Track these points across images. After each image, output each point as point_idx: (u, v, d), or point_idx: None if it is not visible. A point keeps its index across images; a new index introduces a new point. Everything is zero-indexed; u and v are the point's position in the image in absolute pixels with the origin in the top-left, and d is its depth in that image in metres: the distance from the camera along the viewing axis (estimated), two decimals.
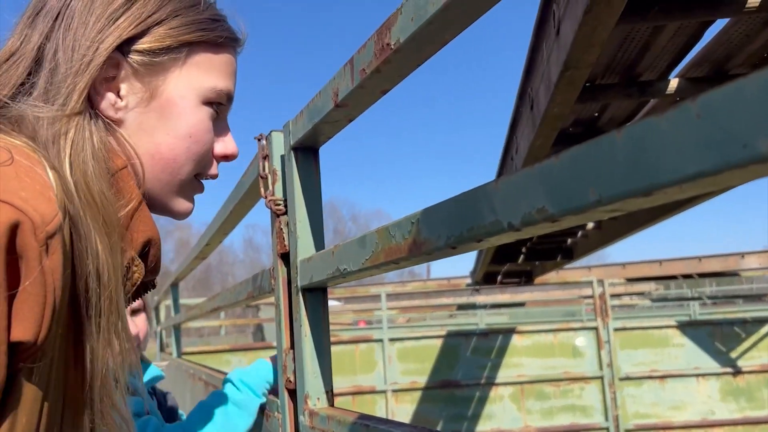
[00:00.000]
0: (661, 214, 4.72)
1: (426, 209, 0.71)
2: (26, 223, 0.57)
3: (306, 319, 1.12)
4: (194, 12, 0.82)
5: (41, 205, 0.59)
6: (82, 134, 0.72)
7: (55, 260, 0.60)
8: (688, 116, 0.40)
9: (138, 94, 0.79)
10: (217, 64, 0.84)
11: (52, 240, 0.59)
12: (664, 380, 7.35)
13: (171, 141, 0.80)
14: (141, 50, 0.78)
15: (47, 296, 0.59)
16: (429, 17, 0.69)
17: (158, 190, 0.83)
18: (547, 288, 11.46)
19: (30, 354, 0.60)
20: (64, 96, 0.72)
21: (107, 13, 0.76)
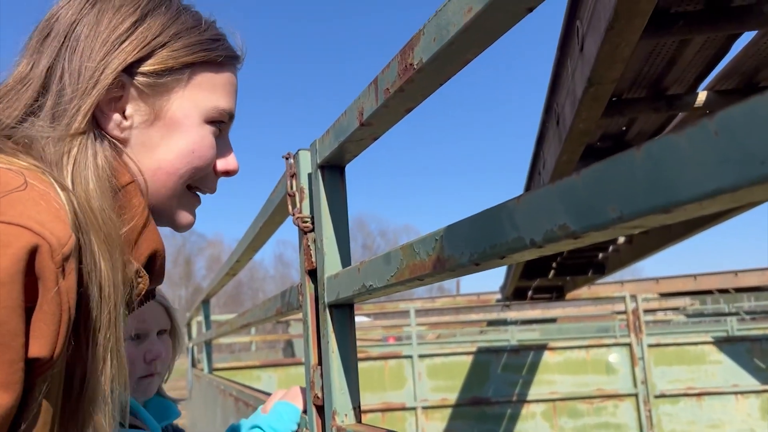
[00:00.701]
0: (694, 228, 4.64)
1: (449, 226, 0.72)
2: (44, 246, 0.60)
3: (333, 335, 1.13)
4: (196, 33, 0.85)
5: (57, 229, 0.62)
6: (84, 153, 0.75)
7: (69, 281, 0.63)
8: (706, 133, 0.40)
9: (143, 114, 0.82)
10: (219, 83, 0.88)
11: (68, 262, 0.62)
12: (701, 398, 7.17)
13: (173, 157, 0.83)
14: (145, 72, 0.81)
15: (62, 315, 0.62)
16: (450, 38, 0.70)
17: (161, 204, 0.86)
18: (579, 303, 11.29)
19: (45, 369, 0.62)
20: (69, 117, 0.76)
21: (113, 38, 0.79)
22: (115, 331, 0.72)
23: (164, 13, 0.83)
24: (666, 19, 2.19)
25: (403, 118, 0.95)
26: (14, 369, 0.58)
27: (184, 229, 0.92)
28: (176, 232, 0.96)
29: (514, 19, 0.66)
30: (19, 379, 0.59)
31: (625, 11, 1.73)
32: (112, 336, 0.72)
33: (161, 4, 0.84)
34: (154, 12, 0.83)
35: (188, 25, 0.85)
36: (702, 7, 2.19)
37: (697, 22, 2.19)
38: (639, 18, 1.75)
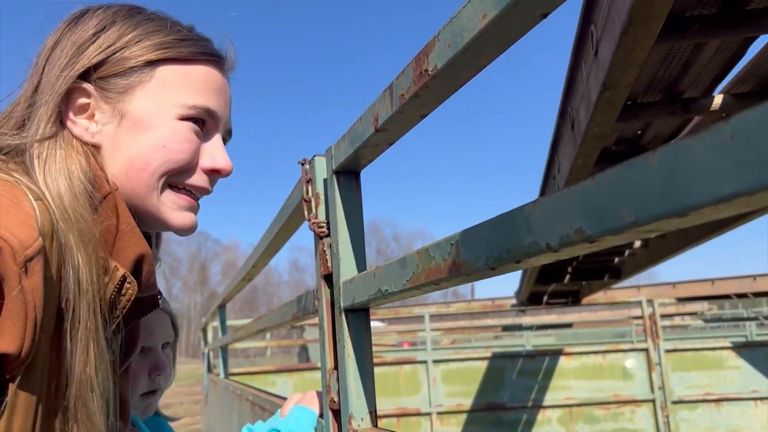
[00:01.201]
0: (711, 231, 4.60)
1: (465, 230, 0.73)
2: (5, 249, 0.65)
3: (349, 339, 1.13)
4: (159, 35, 0.88)
5: (20, 232, 0.66)
6: (54, 156, 0.80)
7: (34, 281, 0.67)
8: (721, 137, 0.40)
9: (109, 117, 0.86)
10: (189, 80, 0.89)
11: (31, 263, 0.66)
12: (720, 404, 7.08)
13: (143, 153, 0.85)
14: (105, 75, 0.85)
15: (28, 313, 0.66)
16: (465, 44, 0.70)
17: (140, 204, 0.88)
18: (595, 308, 11.21)
19: (16, 365, 0.67)
20: (36, 124, 0.82)
21: (74, 48, 0.85)
22: (95, 321, 0.76)
23: (124, 23, 0.88)
24: (681, 23, 2.18)
25: (418, 124, 0.96)
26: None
27: (184, 232, 0.92)
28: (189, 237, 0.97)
29: (529, 25, 0.66)
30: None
31: (640, 16, 1.72)
32: (92, 326, 0.75)
33: (123, 17, 0.89)
34: (115, 23, 0.87)
35: (150, 30, 0.88)
36: (717, 10, 2.18)
37: (712, 26, 2.17)
38: (654, 22, 1.75)
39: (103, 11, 0.89)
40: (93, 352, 0.75)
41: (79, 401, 0.74)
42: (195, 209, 0.94)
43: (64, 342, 0.73)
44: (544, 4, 0.63)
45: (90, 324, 0.75)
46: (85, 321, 0.74)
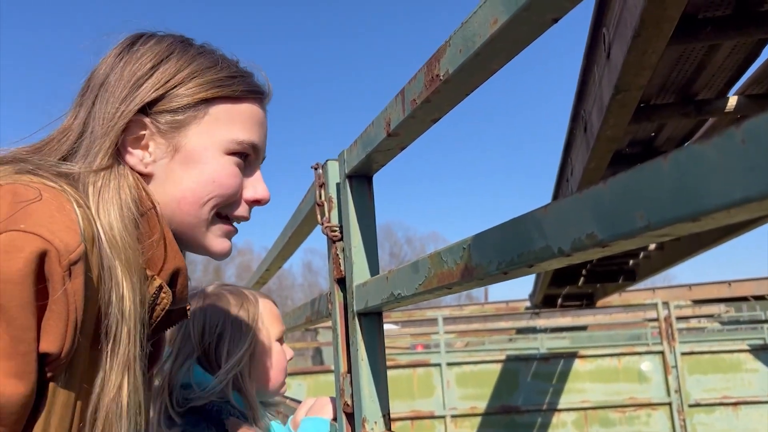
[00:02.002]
0: (727, 234, 4.56)
1: (477, 235, 0.73)
2: (52, 251, 0.68)
3: (362, 342, 1.14)
4: (212, 72, 0.92)
5: (66, 237, 0.70)
6: (107, 186, 0.83)
7: (77, 284, 0.70)
8: (733, 142, 0.40)
9: (163, 150, 0.90)
10: (237, 117, 0.93)
11: (75, 266, 0.70)
12: (738, 407, 7.01)
13: (194, 186, 0.90)
14: (162, 110, 0.89)
15: (69, 314, 0.69)
16: (476, 49, 0.70)
17: (188, 231, 0.92)
18: (610, 311, 11.13)
19: (57, 365, 0.70)
20: (93, 155, 0.85)
21: (131, 82, 0.88)
22: (134, 348, 0.79)
23: (180, 58, 0.91)
24: (694, 25, 2.16)
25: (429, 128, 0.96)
26: (27, 360, 0.66)
27: (220, 257, 0.97)
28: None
29: (540, 29, 0.67)
30: (32, 370, 0.66)
31: (652, 18, 1.71)
32: (131, 354, 0.78)
33: (177, 50, 0.92)
34: (170, 57, 0.90)
35: (204, 66, 0.92)
36: (731, 12, 2.16)
37: (725, 28, 2.15)
38: (666, 24, 1.74)
39: (157, 43, 0.92)
40: (128, 380, 0.78)
41: (107, 428, 0.77)
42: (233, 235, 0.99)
43: (103, 363, 0.76)
44: (555, 9, 0.63)
45: (129, 351, 0.78)
46: (125, 347, 0.77)
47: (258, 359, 1.43)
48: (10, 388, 0.64)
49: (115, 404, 0.77)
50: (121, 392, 0.77)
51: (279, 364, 1.48)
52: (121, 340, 0.77)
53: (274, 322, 1.49)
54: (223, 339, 1.39)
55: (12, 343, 0.64)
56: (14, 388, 0.64)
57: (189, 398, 1.33)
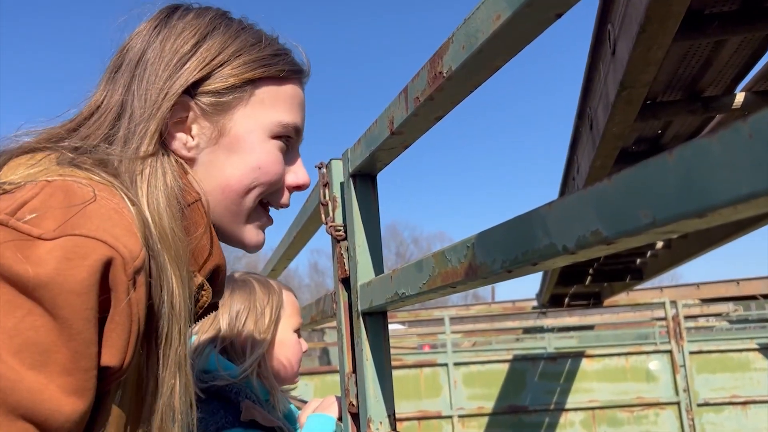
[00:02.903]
0: (735, 231, 4.53)
1: (481, 233, 0.72)
2: (118, 259, 0.62)
3: (367, 342, 1.13)
4: (256, 50, 0.86)
5: (130, 243, 0.64)
6: (155, 174, 0.78)
7: (140, 293, 0.65)
8: (739, 137, 0.39)
9: (207, 133, 0.84)
10: (282, 98, 0.88)
11: (139, 275, 0.65)
12: (747, 406, 6.96)
13: (239, 174, 0.84)
14: (207, 91, 0.83)
15: (132, 325, 0.64)
16: (479, 45, 0.70)
17: (228, 221, 0.87)
18: (618, 310, 11.09)
19: (116, 378, 0.65)
20: (138, 140, 0.78)
21: (174, 61, 0.81)
22: (184, 347, 0.74)
23: (223, 33, 0.85)
24: (700, 21, 2.15)
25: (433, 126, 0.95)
26: (89, 376, 0.61)
27: (253, 249, 0.92)
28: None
29: (543, 25, 0.66)
30: (92, 386, 0.61)
31: (657, 14, 1.70)
32: (182, 351, 0.74)
33: (221, 25, 0.86)
34: (213, 33, 0.84)
35: (248, 43, 0.86)
36: (737, 7, 2.14)
37: (732, 23, 2.14)
38: (671, 20, 1.72)
39: (197, 16, 0.86)
40: (180, 381, 0.74)
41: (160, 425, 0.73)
42: (267, 226, 0.94)
43: (155, 369, 0.72)
44: (558, 4, 0.62)
45: (180, 350, 0.73)
46: (176, 347, 0.73)
47: (277, 348, 1.48)
48: (70, 406, 0.59)
49: (169, 407, 0.73)
50: (174, 394, 0.73)
51: (295, 354, 1.52)
52: (172, 339, 0.72)
53: (294, 314, 1.54)
54: (248, 326, 1.43)
55: (74, 358, 0.59)
56: (73, 406, 0.59)
57: (212, 381, 1.36)
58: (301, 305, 1.63)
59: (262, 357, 1.42)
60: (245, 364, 1.39)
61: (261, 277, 1.55)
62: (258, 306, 1.46)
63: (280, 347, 1.48)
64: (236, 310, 1.45)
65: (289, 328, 1.51)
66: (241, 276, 1.54)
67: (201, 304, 0.84)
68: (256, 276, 1.56)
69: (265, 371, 1.43)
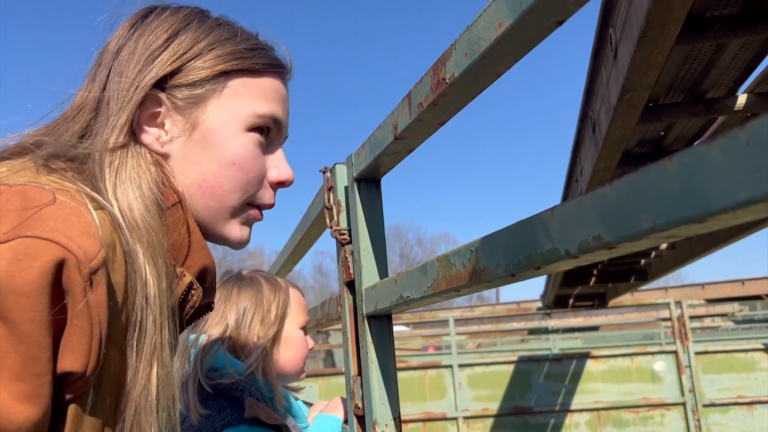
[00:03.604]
0: (738, 232, 4.52)
1: (484, 237, 0.73)
2: (71, 260, 0.61)
3: (372, 345, 1.14)
4: (230, 44, 0.86)
5: (85, 243, 0.62)
6: (124, 166, 0.77)
7: (99, 294, 0.63)
8: (737, 143, 0.40)
9: (180, 127, 0.83)
10: (258, 90, 0.87)
11: (96, 275, 0.62)
12: (753, 407, 6.94)
13: (215, 169, 0.83)
14: (178, 84, 0.83)
15: (93, 328, 0.62)
16: (481, 52, 0.71)
17: (209, 219, 0.86)
18: (623, 310, 11.08)
19: (80, 385, 0.62)
20: (108, 132, 0.78)
21: (146, 55, 0.82)
22: (160, 337, 0.72)
23: (197, 29, 0.85)
24: (701, 24, 2.15)
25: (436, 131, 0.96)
26: (41, 382, 0.58)
27: (237, 246, 0.91)
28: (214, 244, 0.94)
29: (545, 32, 0.67)
30: (46, 392, 0.59)
31: (658, 19, 1.71)
32: (158, 342, 0.72)
33: (194, 21, 0.86)
34: (187, 28, 0.84)
35: (222, 37, 0.86)
36: (739, 10, 2.14)
37: (733, 26, 2.14)
38: (672, 25, 1.73)
39: (172, 14, 0.86)
40: (157, 371, 0.72)
41: (136, 425, 0.70)
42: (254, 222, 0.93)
43: (128, 359, 0.70)
44: (559, 12, 0.63)
45: (155, 340, 0.71)
46: (150, 336, 0.71)
47: (282, 344, 1.50)
48: (22, 413, 0.56)
49: (143, 398, 0.70)
50: (150, 384, 0.71)
51: (301, 351, 1.54)
52: (146, 329, 0.70)
53: (300, 311, 1.56)
54: (255, 322, 1.45)
55: (24, 362, 0.57)
56: (26, 414, 0.56)
57: (219, 379, 1.38)
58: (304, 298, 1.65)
59: (267, 353, 1.44)
60: (250, 359, 1.41)
61: (268, 275, 1.57)
62: (265, 302, 1.48)
63: (287, 344, 1.50)
64: (243, 307, 1.47)
65: (295, 325, 1.53)
66: (248, 273, 1.56)
67: (192, 304, 0.83)
68: (263, 273, 1.57)
69: (269, 367, 1.44)
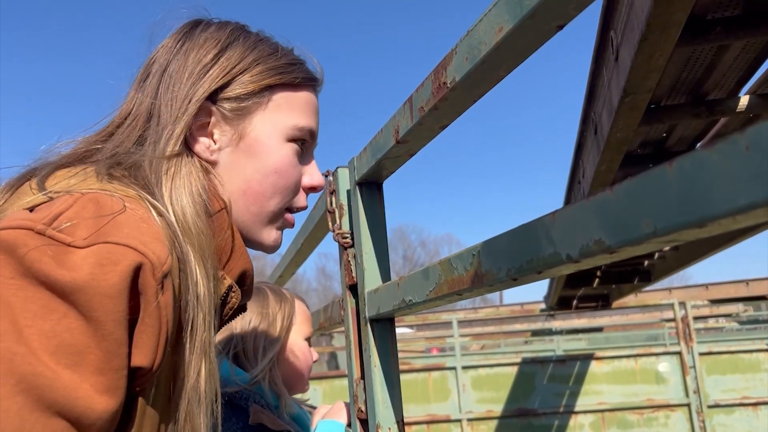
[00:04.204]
0: (742, 234, 4.51)
1: (486, 241, 0.73)
2: (147, 265, 0.66)
3: (375, 349, 1.14)
4: (273, 59, 0.93)
5: (158, 249, 0.69)
6: (179, 173, 0.83)
7: (167, 296, 0.69)
8: (737, 148, 0.40)
9: (228, 137, 0.90)
10: (297, 103, 0.94)
11: (166, 279, 0.69)
12: (758, 408, 6.92)
13: (259, 177, 0.90)
14: (228, 97, 0.89)
15: (161, 327, 0.68)
16: (482, 56, 0.71)
17: (249, 223, 0.92)
18: (626, 311, 11.04)
19: (147, 378, 0.69)
20: (164, 141, 0.84)
21: (198, 69, 0.88)
22: (209, 334, 0.78)
23: (242, 44, 0.92)
24: (702, 26, 2.14)
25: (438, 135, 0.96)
26: (119, 375, 0.64)
27: (271, 250, 0.97)
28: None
29: (545, 36, 0.67)
30: (123, 385, 0.64)
31: (659, 22, 1.70)
32: (207, 339, 0.78)
33: (240, 37, 0.93)
34: (233, 44, 0.91)
35: (266, 53, 0.93)
36: (740, 12, 2.14)
37: (735, 28, 2.13)
38: (673, 28, 1.72)
39: (218, 29, 0.93)
40: (205, 366, 0.78)
41: (188, 416, 0.77)
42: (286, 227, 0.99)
43: (181, 355, 0.76)
44: (560, 16, 0.63)
45: (205, 337, 0.77)
46: (201, 334, 0.77)
47: (287, 355, 1.50)
48: (102, 404, 0.62)
49: (194, 391, 0.76)
50: (200, 378, 0.77)
51: (305, 363, 1.54)
52: (197, 326, 0.76)
53: (304, 322, 1.56)
54: (259, 332, 1.46)
55: (105, 358, 0.63)
56: (105, 405, 0.62)
57: (223, 388, 1.38)
58: (309, 310, 1.65)
59: (273, 363, 1.44)
60: (256, 369, 1.41)
61: (274, 286, 1.58)
62: (270, 313, 1.48)
63: (291, 355, 1.50)
64: (248, 317, 1.48)
65: (299, 337, 1.53)
66: (255, 284, 1.58)
67: (231, 306, 0.88)
68: (269, 284, 1.58)
69: (276, 377, 1.44)
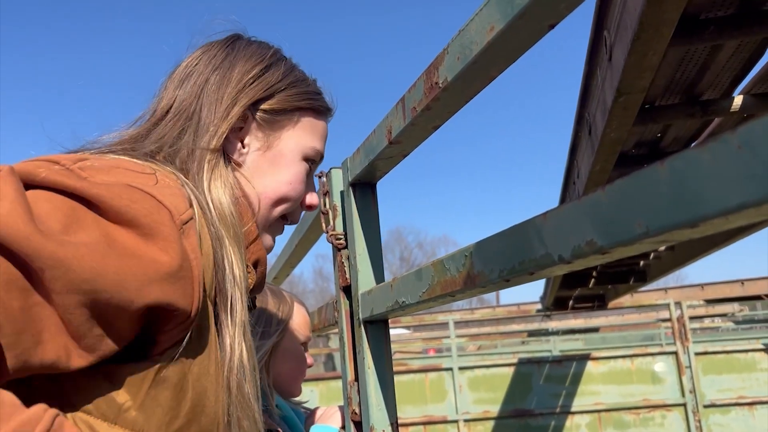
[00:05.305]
0: (737, 233, 4.52)
1: (478, 243, 0.73)
2: (164, 211, 0.72)
3: (368, 351, 1.14)
4: (305, 85, 1.04)
5: (176, 201, 0.75)
6: (218, 165, 0.92)
7: (192, 242, 0.74)
8: (728, 148, 0.40)
9: (258, 144, 0.99)
10: (318, 128, 1.05)
11: (186, 226, 0.74)
12: (753, 407, 6.94)
13: (275, 185, 0.99)
14: (266, 109, 0.99)
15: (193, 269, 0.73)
16: (474, 56, 0.71)
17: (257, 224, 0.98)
18: (622, 312, 11.05)
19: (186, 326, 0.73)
20: (209, 136, 0.92)
21: (245, 79, 0.97)
22: (245, 313, 0.85)
23: (283, 66, 1.02)
24: (696, 26, 2.14)
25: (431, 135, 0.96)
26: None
27: (266, 252, 1.02)
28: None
29: (537, 35, 0.67)
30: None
31: (651, 21, 1.70)
32: (244, 317, 0.85)
33: (281, 59, 1.03)
34: (276, 64, 1.01)
35: (300, 78, 1.04)
36: (733, 11, 2.14)
37: (728, 27, 2.13)
38: (666, 27, 1.72)
39: (260, 47, 1.03)
40: (247, 342, 0.84)
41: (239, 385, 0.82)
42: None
43: (225, 329, 0.82)
44: (551, 15, 0.63)
45: (243, 315, 0.84)
46: (240, 311, 0.84)
47: (281, 356, 1.49)
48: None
49: (240, 361, 0.83)
50: (243, 352, 0.83)
51: (299, 366, 1.54)
52: (236, 302, 0.83)
53: (302, 326, 1.57)
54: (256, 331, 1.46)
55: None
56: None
57: None
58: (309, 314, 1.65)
59: (264, 364, 1.43)
60: None
61: (274, 287, 1.58)
62: (266, 312, 1.48)
63: (286, 356, 1.49)
64: None
65: (296, 340, 1.52)
66: None
67: (246, 286, 0.92)
68: (269, 285, 1.58)
69: (265, 378, 1.44)
